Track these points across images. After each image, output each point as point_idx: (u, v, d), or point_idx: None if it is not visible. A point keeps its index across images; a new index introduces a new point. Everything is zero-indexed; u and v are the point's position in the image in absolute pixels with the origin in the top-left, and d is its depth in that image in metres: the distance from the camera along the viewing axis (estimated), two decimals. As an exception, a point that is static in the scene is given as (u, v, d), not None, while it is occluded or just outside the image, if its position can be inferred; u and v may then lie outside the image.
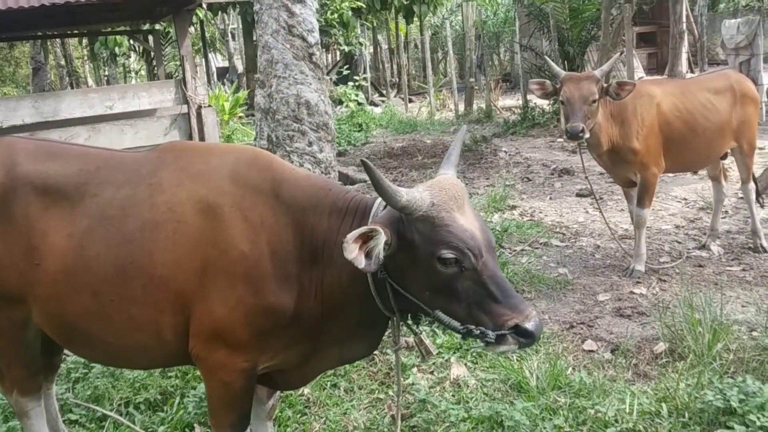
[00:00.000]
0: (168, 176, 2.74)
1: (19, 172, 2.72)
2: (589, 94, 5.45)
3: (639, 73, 15.44)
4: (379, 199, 2.62)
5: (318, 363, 2.97)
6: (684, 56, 15.12)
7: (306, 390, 4.15)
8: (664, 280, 5.89)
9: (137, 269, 2.64)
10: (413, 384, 4.21)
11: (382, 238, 2.37)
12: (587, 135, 5.46)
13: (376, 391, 4.21)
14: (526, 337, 2.39)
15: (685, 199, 8.45)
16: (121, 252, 2.65)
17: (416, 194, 2.43)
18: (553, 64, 6.19)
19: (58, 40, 24.47)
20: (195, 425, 3.86)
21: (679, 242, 6.89)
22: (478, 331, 2.40)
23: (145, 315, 2.68)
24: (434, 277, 2.43)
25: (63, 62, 26.39)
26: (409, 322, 2.84)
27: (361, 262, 2.34)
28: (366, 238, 2.36)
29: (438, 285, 2.44)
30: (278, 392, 3.28)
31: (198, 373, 4.33)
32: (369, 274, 2.52)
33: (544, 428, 3.57)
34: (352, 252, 2.31)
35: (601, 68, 5.82)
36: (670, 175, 8.82)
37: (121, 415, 3.99)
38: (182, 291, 2.65)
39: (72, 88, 24.03)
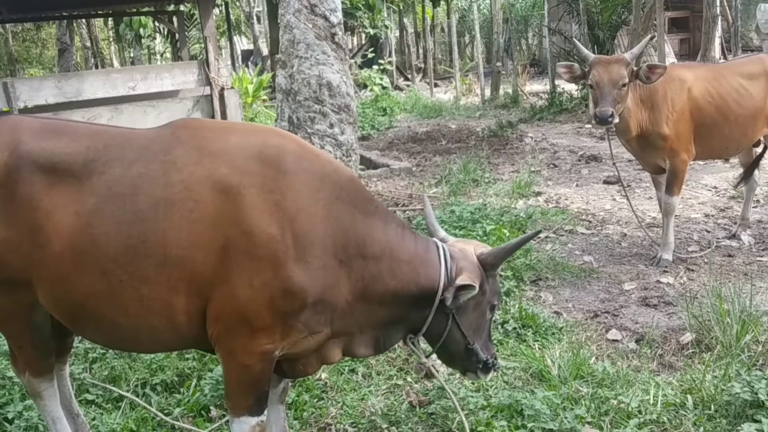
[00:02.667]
0: (183, 154, 2.68)
1: (23, 151, 2.65)
2: (619, 77, 5.31)
3: (670, 58, 15.15)
4: (444, 249, 3.00)
5: (324, 354, 2.98)
6: (717, 41, 14.79)
7: (323, 375, 4.11)
8: (692, 270, 5.77)
9: (150, 248, 2.59)
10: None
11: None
12: (616, 120, 5.33)
13: (395, 377, 4.16)
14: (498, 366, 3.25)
15: (715, 187, 8.28)
16: (132, 230, 2.59)
17: None
18: (581, 47, 6.06)
19: (83, 21, 24.57)
20: (211, 408, 3.84)
21: (709, 231, 6.74)
22: (491, 362, 3.12)
23: (157, 295, 2.63)
24: (481, 319, 3.07)
25: (89, 44, 26.50)
26: (415, 343, 3.13)
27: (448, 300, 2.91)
28: (463, 289, 2.87)
29: (480, 325, 3.08)
30: None
31: (215, 355, 4.31)
32: (437, 304, 2.93)
33: (565, 418, 3.49)
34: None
35: (631, 51, 5.67)
36: (701, 162, 8.65)
37: (137, 396, 3.98)
38: (199, 272, 2.60)
39: (97, 69, 24.14)
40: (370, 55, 23.10)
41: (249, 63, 26.92)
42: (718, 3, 14.58)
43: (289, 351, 2.82)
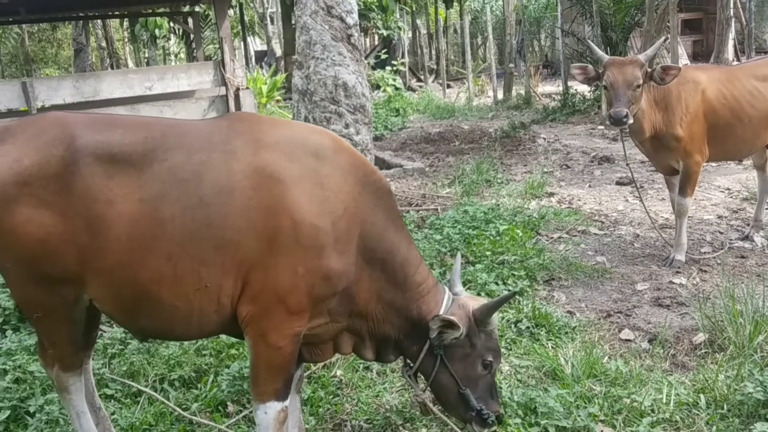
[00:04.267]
0: (242, 145, 2.82)
1: (80, 145, 2.69)
2: (633, 78, 5.33)
3: (684, 60, 15.11)
4: (449, 297, 3.23)
5: (339, 344, 3.20)
6: (730, 43, 14.73)
7: (339, 372, 4.16)
8: (705, 271, 5.78)
9: (212, 232, 2.72)
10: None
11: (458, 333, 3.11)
12: (631, 121, 5.34)
13: (409, 375, 4.19)
14: (498, 424, 3.32)
15: (728, 188, 8.27)
16: (197, 215, 2.71)
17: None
18: (596, 48, 6.07)
19: (99, 22, 24.76)
20: (228, 403, 3.90)
21: (721, 232, 6.74)
22: (486, 415, 3.19)
23: (213, 277, 2.76)
24: (473, 369, 3.20)
25: (104, 44, 26.69)
26: (411, 376, 3.33)
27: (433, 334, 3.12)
28: (449, 324, 3.08)
29: (473, 376, 3.21)
30: (303, 365, 3.38)
31: (232, 351, 4.37)
32: (429, 343, 3.14)
33: (579, 416, 3.52)
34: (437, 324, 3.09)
35: (646, 53, 5.69)
36: (714, 164, 8.65)
37: (155, 391, 4.04)
38: (247, 256, 2.75)
39: (112, 69, 24.30)
40: (383, 56, 23.15)
41: (263, 63, 27.03)
42: (731, 5, 14.52)
43: (310, 333, 2.98)
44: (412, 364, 3.27)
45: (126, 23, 27.05)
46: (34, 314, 2.90)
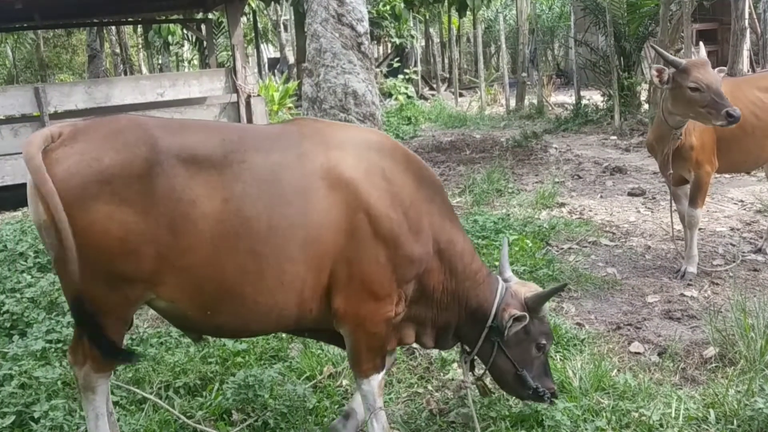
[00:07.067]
0: (312, 147, 3.02)
1: (162, 146, 2.74)
2: (720, 80, 5.23)
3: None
4: (503, 286, 3.46)
5: (403, 334, 3.46)
6: (745, 54, 14.64)
7: (344, 381, 4.14)
8: (717, 284, 5.72)
9: (295, 229, 2.88)
10: (452, 380, 4.17)
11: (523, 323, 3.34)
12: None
13: (415, 385, 4.18)
14: (554, 399, 3.51)
15: (741, 201, 8.20)
16: (281, 213, 2.86)
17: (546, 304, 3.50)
18: (666, 53, 5.90)
19: (113, 28, 24.93)
20: (233, 411, 3.88)
21: (734, 245, 6.68)
22: (542, 392, 3.43)
23: (296, 272, 2.91)
24: (528, 352, 3.43)
25: (118, 50, 26.87)
26: (467, 362, 3.59)
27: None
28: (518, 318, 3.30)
29: (528, 358, 3.44)
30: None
31: (237, 359, 4.36)
32: (487, 329, 3.39)
33: (586, 429, 3.49)
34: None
35: (701, 56, 5.59)
36: (727, 176, 8.58)
37: (160, 398, 4.02)
38: (327, 251, 2.94)
39: (126, 75, 24.47)
40: (396, 65, 23.22)
41: (275, 71, 27.13)
42: (746, 15, 14.43)
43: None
44: (469, 350, 3.51)
45: (140, 30, 27.26)
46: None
